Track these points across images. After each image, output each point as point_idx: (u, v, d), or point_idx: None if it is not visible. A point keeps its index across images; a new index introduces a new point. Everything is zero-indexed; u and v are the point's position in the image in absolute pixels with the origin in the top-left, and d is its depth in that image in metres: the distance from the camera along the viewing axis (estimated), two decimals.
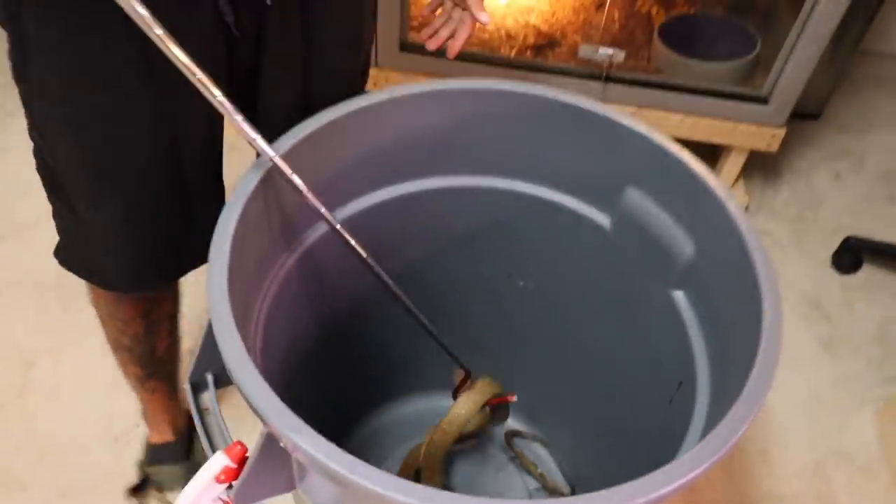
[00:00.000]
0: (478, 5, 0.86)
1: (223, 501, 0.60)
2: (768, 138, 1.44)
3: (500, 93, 0.81)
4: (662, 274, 0.80)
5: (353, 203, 0.84)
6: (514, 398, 0.91)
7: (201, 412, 0.64)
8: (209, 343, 0.64)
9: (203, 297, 0.58)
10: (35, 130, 0.73)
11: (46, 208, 0.83)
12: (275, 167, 0.64)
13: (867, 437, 1.27)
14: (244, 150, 0.80)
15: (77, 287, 0.98)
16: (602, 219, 0.86)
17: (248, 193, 0.65)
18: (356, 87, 0.87)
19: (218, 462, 0.57)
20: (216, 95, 0.58)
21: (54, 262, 0.88)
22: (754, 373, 0.58)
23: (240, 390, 0.53)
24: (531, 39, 1.53)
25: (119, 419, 1.19)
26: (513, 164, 0.87)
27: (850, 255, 1.51)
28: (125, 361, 1.00)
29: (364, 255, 0.71)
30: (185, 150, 0.74)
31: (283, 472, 0.60)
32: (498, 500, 0.83)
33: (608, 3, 1.57)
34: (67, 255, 0.83)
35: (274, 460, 0.58)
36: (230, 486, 0.58)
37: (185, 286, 0.96)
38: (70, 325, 1.29)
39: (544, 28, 1.55)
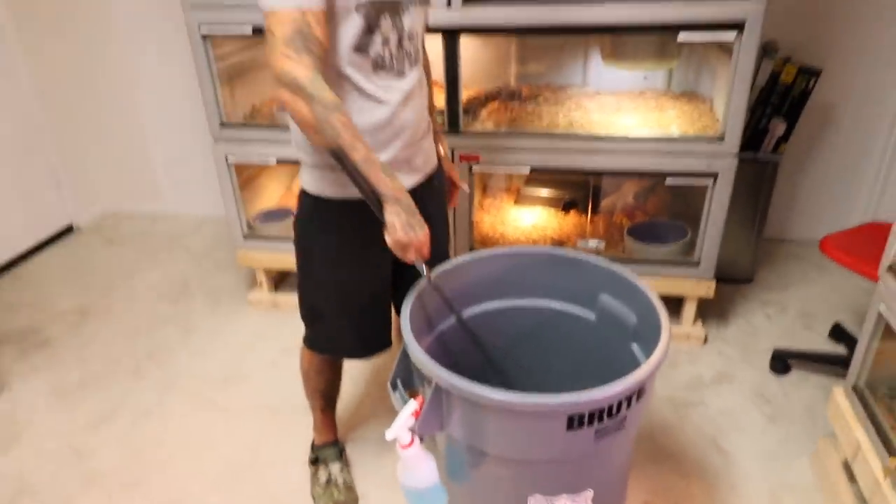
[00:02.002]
0: (457, 181, 1.42)
1: (412, 432, 1.03)
2: (705, 288, 1.91)
3: (526, 253, 1.32)
4: (624, 336, 1.24)
5: (452, 317, 1.30)
6: None
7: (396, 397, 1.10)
8: (401, 363, 1.11)
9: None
10: (305, 291, 1.30)
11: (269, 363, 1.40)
12: (429, 285, 1.17)
13: (805, 474, 1.54)
14: None
15: (289, 409, 1.62)
16: (590, 315, 1.31)
17: (413, 298, 1.16)
18: (446, 250, 1.42)
19: (412, 405, 1.01)
20: (416, 263, 1.10)
21: (280, 395, 1.61)
22: (650, 361, 1.03)
23: (419, 366, 1.00)
24: (548, 243, 2.07)
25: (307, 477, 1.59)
26: (539, 289, 1.34)
27: (780, 362, 1.87)
28: (316, 402, 1.49)
29: (475, 333, 1.20)
30: (383, 290, 1.30)
31: (438, 416, 1.04)
32: (563, 394, 0.97)
33: (596, 219, 2.16)
34: (316, 345, 1.37)
35: (435, 406, 1.02)
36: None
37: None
38: (285, 429, 1.73)
39: (556, 236, 2.10)
